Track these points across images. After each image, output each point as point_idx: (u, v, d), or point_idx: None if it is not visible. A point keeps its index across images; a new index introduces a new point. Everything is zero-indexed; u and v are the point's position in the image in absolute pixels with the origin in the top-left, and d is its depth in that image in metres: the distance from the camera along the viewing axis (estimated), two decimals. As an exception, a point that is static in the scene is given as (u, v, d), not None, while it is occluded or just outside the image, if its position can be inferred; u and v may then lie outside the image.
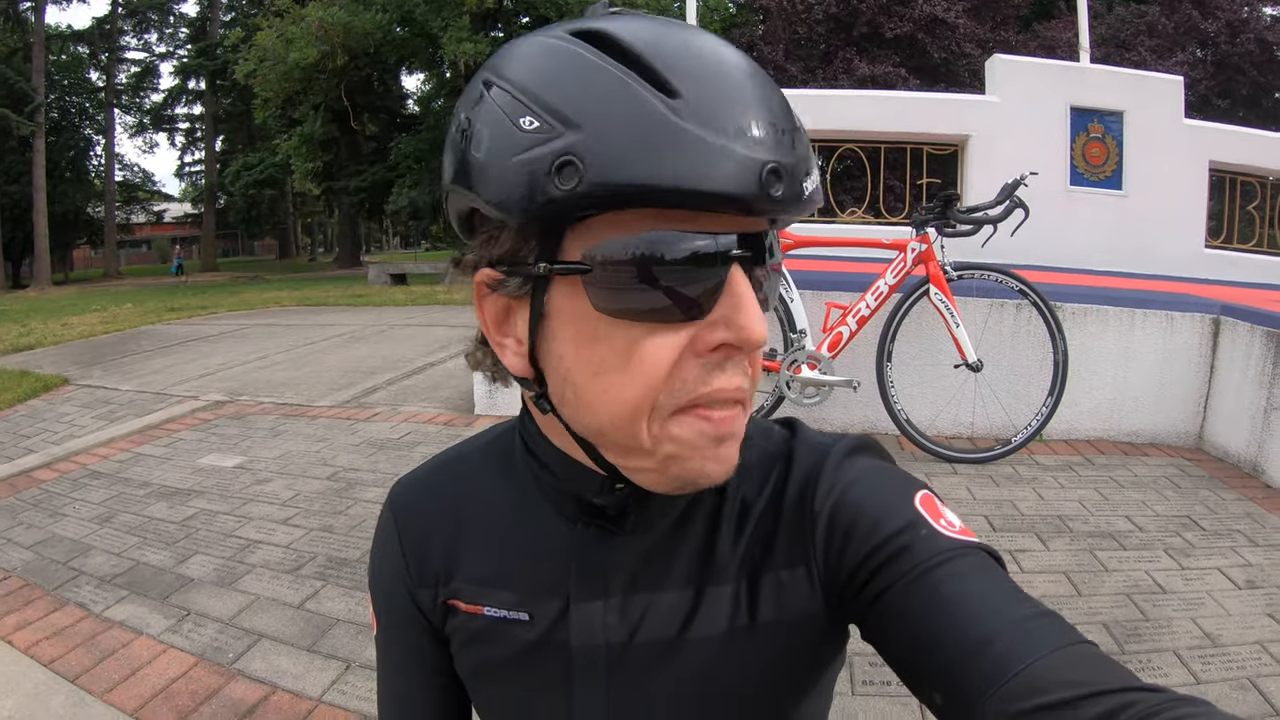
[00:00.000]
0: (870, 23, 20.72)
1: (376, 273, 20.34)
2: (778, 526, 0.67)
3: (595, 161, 0.49)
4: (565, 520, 0.70)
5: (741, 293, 0.54)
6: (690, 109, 0.50)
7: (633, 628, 0.68)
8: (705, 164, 0.49)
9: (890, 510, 0.62)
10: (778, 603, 0.66)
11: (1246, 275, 6.44)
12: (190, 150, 46.24)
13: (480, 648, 0.73)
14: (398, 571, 0.77)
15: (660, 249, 0.52)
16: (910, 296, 4.33)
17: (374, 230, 59.07)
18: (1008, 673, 0.50)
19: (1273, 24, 22.21)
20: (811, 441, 0.71)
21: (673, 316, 0.54)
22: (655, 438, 0.57)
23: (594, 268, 0.53)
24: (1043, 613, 0.54)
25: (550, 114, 0.51)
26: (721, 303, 0.54)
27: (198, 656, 2.63)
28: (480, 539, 0.74)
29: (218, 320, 11.70)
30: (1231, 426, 4.41)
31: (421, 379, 6.69)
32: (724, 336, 0.54)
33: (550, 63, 0.54)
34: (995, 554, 0.60)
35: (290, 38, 21.67)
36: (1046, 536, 3.42)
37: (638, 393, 0.55)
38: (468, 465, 0.79)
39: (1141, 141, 6.32)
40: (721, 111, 0.50)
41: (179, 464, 4.56)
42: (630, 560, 0.68)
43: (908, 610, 0.57)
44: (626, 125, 0.50)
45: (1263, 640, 2.62)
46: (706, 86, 0.51)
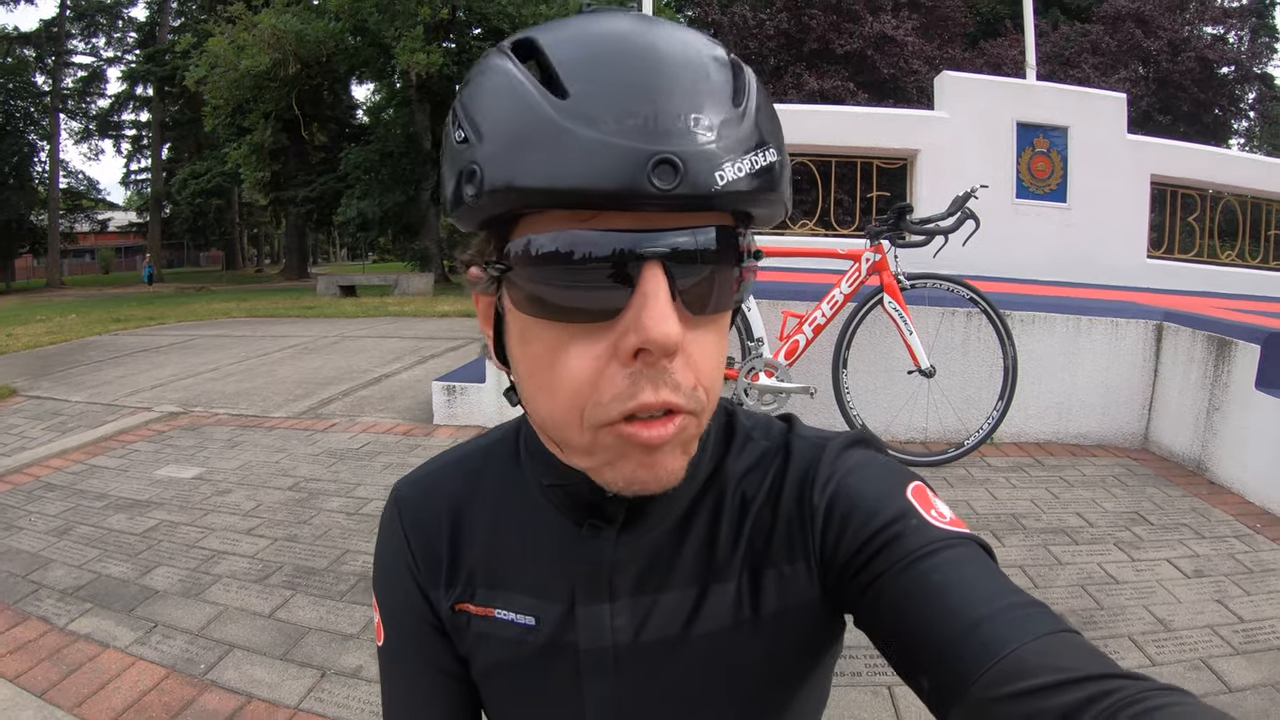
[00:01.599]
0: (820, 39, 21.08)
1: (326, 284, 20.09)
2: (776, 519, 0.68)
3: (489, 168, 0.52)
4: (569, 521, 0.70)
5: (649, 292, 0.52)
6: (575, 107, 0.50)
7: (639, 627, 0.69)
8: (582, 161, 0.49)
9: (883, 501, 0.63)
10: (779, 594, 0.67)
11: (1187, 284, 6.66)
12: (136, 158, 45.40)
13: (491, 650, 0.74)
14: (408, 570, 0.77)
15: (562, 248, 0.52)
16: (865, 305, 4.42)
17: (321, 241, 58.38)
18: (993, 657, 0.51)
19: (1213, 43, 22.97)
20: (809, 436, 0.73)
21: (581, 317, 0.54)
22: (589, 443, 0.57)
23: (511, 267, 0.55)
24: (1029, 601, 0.55)
25: (470, 126, 0.54)
26: (632, 304, 0.52)
27: (168, 668, 2.59)
28: (486, 540, 0.75)
29: (166, 331, 11.49)
30: (1176, 427, 4.58)
31: (378, 389, 6.66)
32: (634, 340, 0.52)
33: (481, 77, 0.55)
34: (985, 545, 0.61)
35: (242, 44, 21.43)
36: (1001, 534, 3.52)
37: (565, 399, 0.56)
38: (470, 466, 0.79)
39: (1086, 156, 6.52)
40: (608, 106, 0.49)
41: (136, 475, 4.49)
42: (634, 560, 0.69)
43: (898, 597, 0.58)
44: (513, 130, 0.51)
45: (1213, 624, 2.75)
46: (599, 82, 0.50)
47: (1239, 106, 25.15)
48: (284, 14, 21.49)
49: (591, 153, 0.48)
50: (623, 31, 0.53)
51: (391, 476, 4.34)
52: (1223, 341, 4.21)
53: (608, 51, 0.52)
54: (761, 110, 0.55)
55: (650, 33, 0.53)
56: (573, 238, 0.52)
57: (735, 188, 0.51)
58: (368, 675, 2.52)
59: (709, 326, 0.58)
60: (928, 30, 21.84)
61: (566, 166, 0.49)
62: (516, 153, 0.51)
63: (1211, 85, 22.95)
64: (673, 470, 0.58)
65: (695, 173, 0.49)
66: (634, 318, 0.52)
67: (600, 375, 0.54)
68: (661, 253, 0.52)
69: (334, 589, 3.09)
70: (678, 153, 0.48)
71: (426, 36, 21.23)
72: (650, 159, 0.48)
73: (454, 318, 12.18)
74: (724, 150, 0.50)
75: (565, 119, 0.49)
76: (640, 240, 0.52)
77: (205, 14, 29.90)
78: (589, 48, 0.52)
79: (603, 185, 0.48)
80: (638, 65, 0.51)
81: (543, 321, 0.55)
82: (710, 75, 0.52)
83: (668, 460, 0.58)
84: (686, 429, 0.57)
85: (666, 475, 0.58)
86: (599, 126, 0.49)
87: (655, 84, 0.50)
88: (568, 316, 0.54)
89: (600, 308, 0.53)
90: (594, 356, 0.54)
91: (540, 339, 0.56)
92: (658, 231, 0.52)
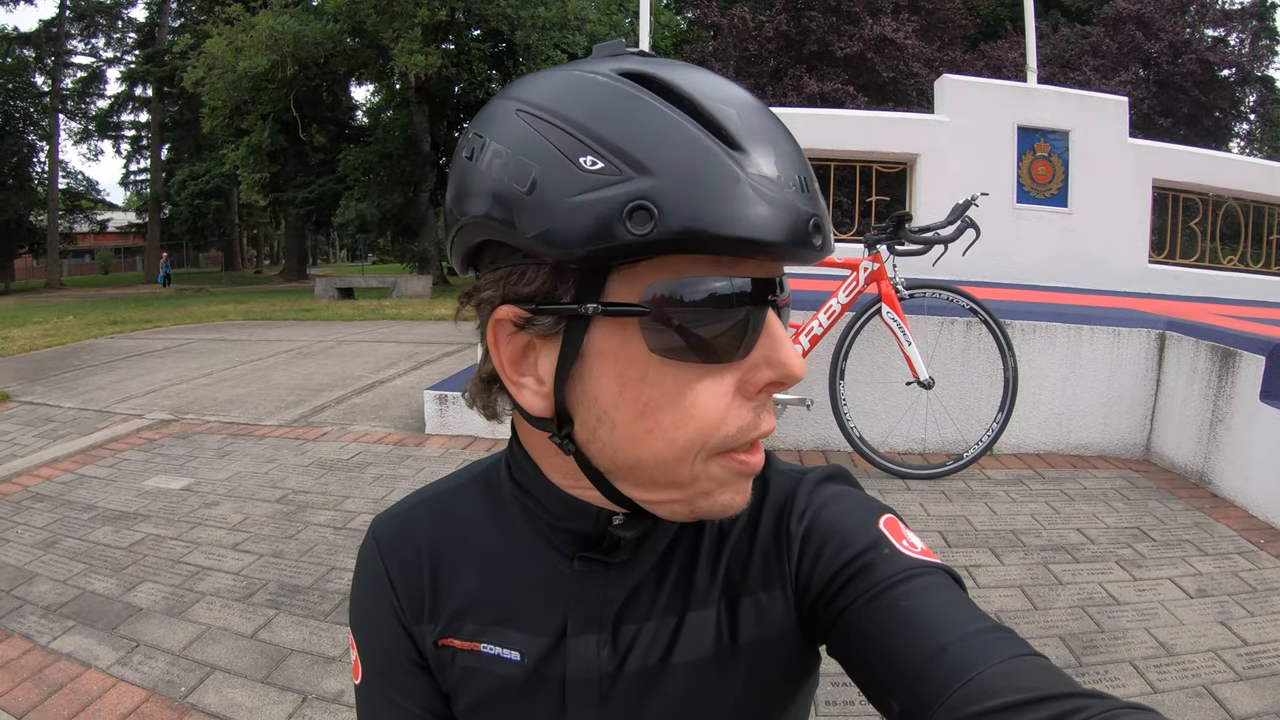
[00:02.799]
0: (820, 41, 21.06)
1: (324, 286, 20.03)
2: (754, 548, 0.70)
3: (670, 209, 0.51)
4: (559, 556, 0.70)
5: (777, 332, 0.57)
6: (752, 163, 0.52)
7: (622, 658, 0.69)
8: (761, 213, 0.51)
9: (856, 532, 0.65)
10: (757, 622, 0.68)
11: (1189, 289, 6.62)
12: (135, 159, 45.24)
13: (476, 685, 0.72)
14: (390, 607, 0.75)
15: (712, 292, 0.54)
16: (863, 315, 4.37)
17: (320, 243, 58.45)
18: (959, 680, 0.52)
19: (1214, 45, 22.96)
20: (785, 470, 0.74)
21: (723, 357, 0.56)
22: (694, 475, 0.59)
23: (650, 309, 0.54)
24: (995, 626, 0.56)
25: (616, 155, 0.52)
26: (761, 343, 0.57)
27: (149, 690, 2.54)
28: (470, 575, 0.74)
29: (162, 334, 11.45)
30: (1179, 438, 4.52)
31: (370, 397, 6.60)
32: (769, 376, 0.57)
33: (606, 101, 0.54)
34: (954, 574, 0.63)
35: (240, 46, 21.36)
36: (1000, 551, 3.46)
37: (690, 435, 0.57)
38: (452, 500, 0.78)
39: (1087, 160, 6.49)
40: (777, 165, 0.53)
41: (124, 486, 4.43)
42: (620, 593, 0.69)
43: (868, 623, 0.59)
44: (699, 175, 0.51)
45: (1216, 648, 2.69)
46: (760, 141, 0.54)
47: (1240, 109, 25.14)
48: (282, 15, 21.42)
49: (772, 206, 0.52)
50: (729, 88, 0.57)
51: (381, 489, 4.30)
52: (1227, 352, 4.15)
53: (751, 109, 0.56)
54: None
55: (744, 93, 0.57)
56: (725, 283, 0.55)
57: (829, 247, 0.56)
58: (349, 701, 2.47)
59: None
60: (927, 32, 21.82)
61: (748, 217, 0.51)
62: (700, 195, 0.51)
63: (1212, 88, 22.93)
64: (749, 495, 0.63)
65: (828, 234, 0.55)
66: (764, 355, 0.57)
67: (729, 409, 0.57)
68: (779, 297, 0.58)
69: (318, 608, 3.04)
70: (820, 216, 0.55)
71: (425, 38, 21.19)
72: (810, 219, 0.54)
73: (451, 321, 12.15)
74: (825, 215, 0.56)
75: (746, 172, 0.52)
76: (768, 285, 0.57)
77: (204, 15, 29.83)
78: (734, 103, 0.55)
79: (777, 239, 0.52)
80: (774, 128, 0.56)
81: (674, 363, 0.56)
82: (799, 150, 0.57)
83: (750, 484, 0.62)
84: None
85: (749, 498, 0.63)
86: (774, 183, 0.53)
87: (796, 151, 0.56)
88: (708, 356, 0.56)
89: (740, 346, 0.56)
90: (724, 393, 0.57)
91: (666, 380, 0.57)
92: (771, 278, 0.57)
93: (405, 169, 26.09)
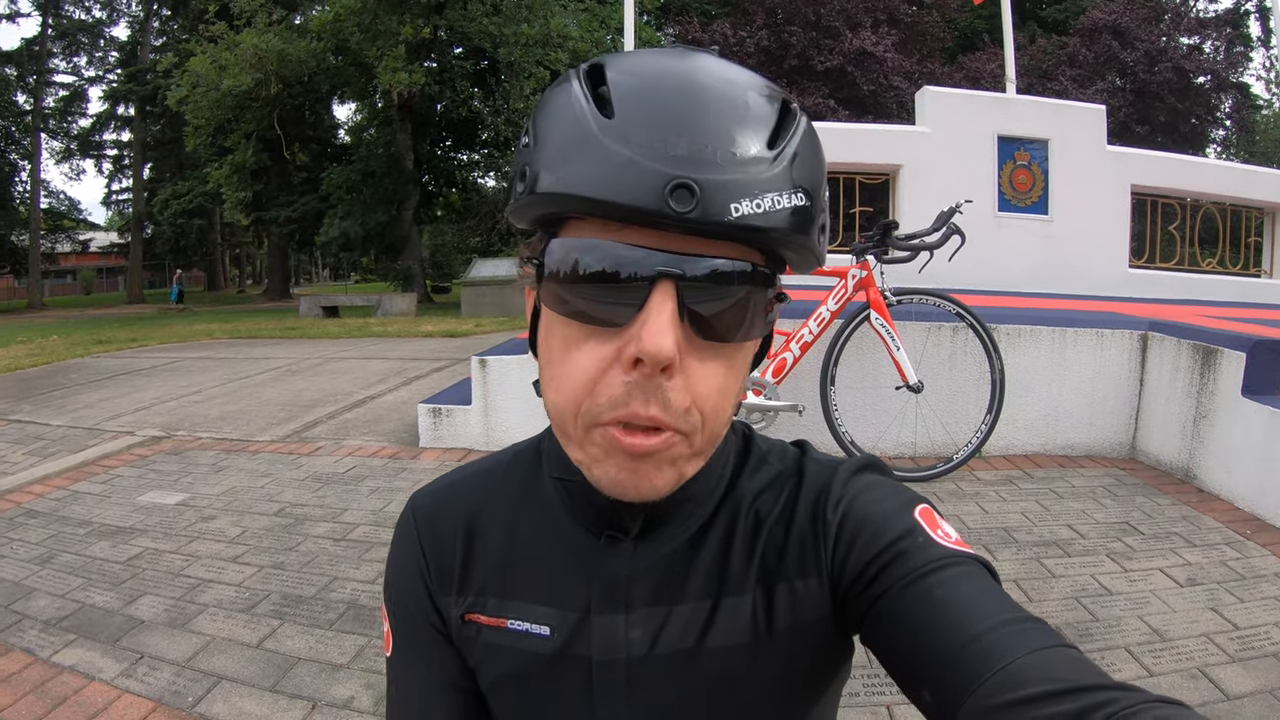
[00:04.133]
0: (801, 56, 21.22)
1: (308, 305, 19.97)
2: (789, 536, 0.70)
3: (540, 171, 0.57)
4: (587, 533, 0.72)
5: (653, 308, 0.55)
6: (616, 127, 0.54)
7: (653, 639, 0.70)
8: (612, 176, 0.53)
9: (891, 520, 0.66)
10: (792, 609, 0.69)
11: (1169, 292, 6.72)
12: (118, 178, 44.94)
13: (502, 660, 0.74)
14: (419, 578, 0.78)
15: (587, 255, 0.57)
16: (852, 322, 4.42)
17: (303, 262, 58.21)
18: (991, 669, 0.52)
19: (1189, 53, 23.23)
20: (822, 460, 0.75)
21: (595, 321, 0.58)
22: (580, 438, 0.61)
23: (544, 265, 0.60)
24: (1027, 617, 0.57)
25: (533, 132, 0.59)
26: (638, 317, 0.55)
27: (156, 701, 2.53)
28: (502, 552, 0.76)
29: (148, 353, 11.41)
30: (1163, 436, 4.60)
31: (362, 412, 6.61)
32: (632, 350, 0.55)
33: (553, 90, 0.61)
34: (989, 565, 0.63)
35: (224, 64, 21.28)
36: (994, 548, 3.52)
37: (568, 393, 0.60)
38: (489, 479, 0.81)
39: (1066, 168, 6.59)
40: (645, 129, 0.54)
41: (119, 502, 4.42)
42: (649, 573, 0.71)
43: (902, 611, 0.60)
44: (562, 140, 0.56)
45: (1208, 632, 2.77)
46: (643, 107, 0.55)
47: (1215, 115, 25.46)
48: (266, 33, 21.37)
49: (621, 169, 0.53)
50: (680, 66, 0.58)
51: (378, 501, 4.30)
52: (1208, 350, 4.23)
53: (658, 81, 0.56)
54: (801, 157, 0.58)
55: (705, 70, 0.57)
56: (599, 246, 0.57)
57: (752, 223, 0.54)
58: (359, 707, 2.48)
59: (718, 355, 0.60)
60: (906, 45, 22.03)
61: (598, 179, 0.53)
62: (561, 160, 0.56)
63: (1188, 95, 23.22)
64: (656, 484, 0.61)
65: (711, 201, 0.53)
66: (637, 329, 0.55)
67: (602, 378, 0.58)
68: (674, 273, 0.55)
69: (323, 617, 3.04)
70: (698, 180, 0.52)
71: (408, 56, 21.20)
72: (670, 182, 0.52)
73: (438, 338, 12.15)
74: (746, 186, 0.54)
75: (606, 136, 0.54)
76: (655, 258, 0.55)
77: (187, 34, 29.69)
78: (643, 76, 0.57)
79: (627, 201, 0.53)
80: (681, 96, 0.55)
81: (562, 318, 0.60)
82: (750, 115, 0.56)
83: (651, 472, 0.60)
84: (673, 448, 0.59)
85: (649, 487, 0.61)
86: (632, 146, 0.53)
87: (691, 115, 0.54)
88: (583, 318, 0.58)
89: (611, 316, 0.57)
90: (599, 359, 0.58)
91: (559, 334, 0.61)
92: (677, 254, 0.56)
93: (388, 187, 26.03)
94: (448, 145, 30.96)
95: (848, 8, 21.02)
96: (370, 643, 2.84)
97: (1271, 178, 7.55)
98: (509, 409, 5.16)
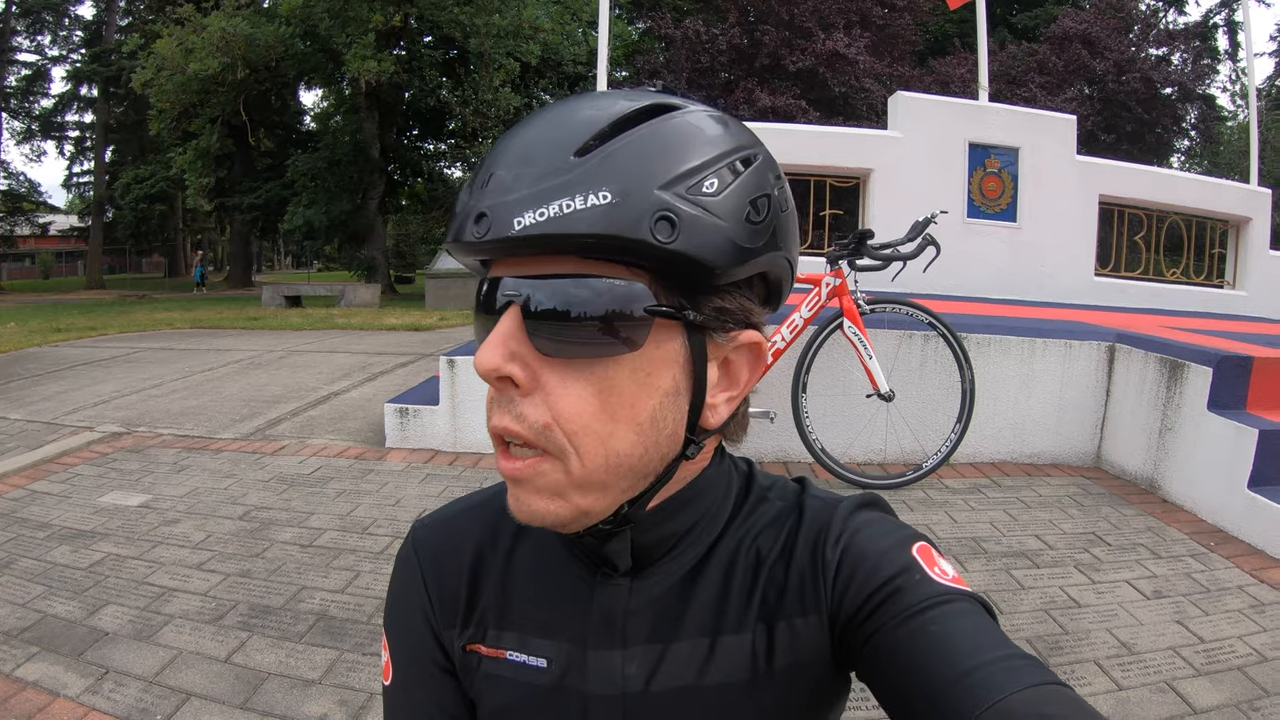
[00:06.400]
0: (773, 55, 21.22)
1: (271, 294, 19.70)
2: (789, 574, 0.70)
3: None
4: (584, 567, 0.73)
5: (491, 328, 0.59)
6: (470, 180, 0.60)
7: (649, 676, 0.70)
8: (455, 220, 0.59)
9: (888, 557, 0.66)
10: (792, 648, 0.69)
11: (1134, 301, 6.82)
12: (79, 160, 44.02)
13: (500, 691, 0.74)
14: (422, 611, 0.78)
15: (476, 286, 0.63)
16: (825, 329, 4.44)
17: (265, 249, 57.51)
18: (983, 704, 0.52)
19: (1157, 64, 23.55)
20: (822, 496, 0.75)
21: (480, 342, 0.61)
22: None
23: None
24: (1021, 655, 0.57)
25: None
26: None
27: (123, 719, 2.45)
28: (502, 584, 0.76)
29: (108, 343, 11.14)
30: (1129, 446, 4.66)
31: (327, 409, 6.51)
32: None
33: None
34: (986, 602, 0.64)
35: (191, 47, 20.97)
36: (963, 558, 3.54)
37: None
38: (489, 511, 0.81)
39: (1035, 176, 6.66)
40: (476, 175, 0.59)
41: (79, 503, 4.30)
42: (646, 609, 0.71)
43: (897, 647, 0.60)
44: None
45: (1175, 645, 2.81)
46: (488, 155, 0.59)
47: (1181, 125, 25.82)
48: (234, 17, 21.08)
49: (459, 212, 0.58)
50: (544, 110, 0.62)
51: (345, 504, 4.24)
52: (1175, 364, 4.29)
53: (512, 128, 0.61)
54: (622, 158, 0.56)
55: (561, 107, 0.60)
56: (479, 279, 0.63)
57: (538, 231, 0.54)
58: (330, 723, 2.44)
59: (579, 372, 0.59)
60: (878, 48, 22.09)
61: (453, 223, 0.59)
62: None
63: (1155, 105, 23.54)
64: (536, 511, 0.62)
65: (496, 220, 0.55)
66: None
67: (490, 400, 0.62)
68: (512, 295, 0.59)
69: (292, 629, 2.97)
70: (489, 206, 0.56)
71: (378, 43, 21.01)
72: (471, 214, 0.56)
73: (402, 331, 12.00)
74: (530, 199, 0.55)
75: (464, 189, 0.60)
76: (505, 284, 0.59)
77: (153, 15, 29.18)
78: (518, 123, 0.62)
79: (453, 237, 0.58)
80: (512, 137, 0.59)
81: None
82: (562, 135, 0.57)
83: (529, 498, 0.62)
84: (545, 474, 0.60)
85: (529, 513, 0.62)
86: (468, 192, 0.59)
87: (501, 151, 0.58)
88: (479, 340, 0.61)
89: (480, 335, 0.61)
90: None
91: None
92: (524, 279, 0.59)
93: (353, 175, 25.80)
94: (414, 135, 30.76)
95: (821, 8, 21.01)
96: (341, 656, 2.79)
97: (1236, 191, 7.70)
98: (477, 410, 5.11)
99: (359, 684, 2.63)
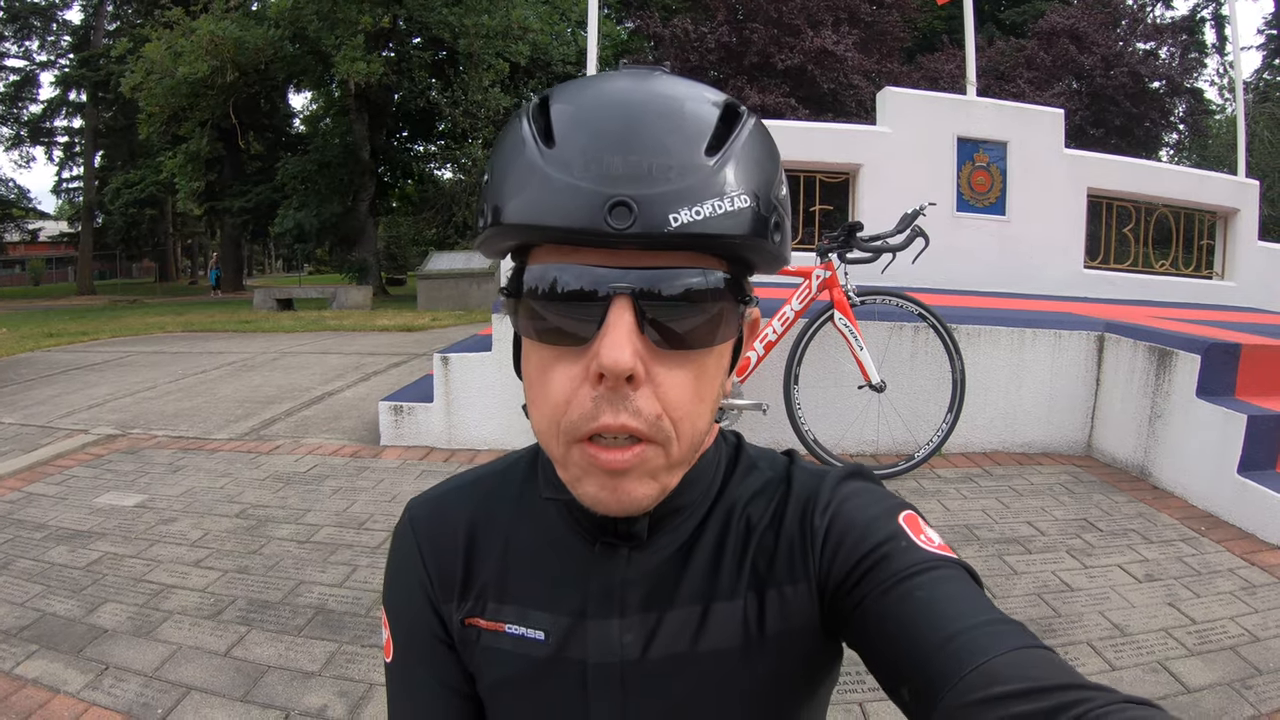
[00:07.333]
0: (761, 53, 21.23)
1: (262, 297, 19.58)
2: (779, 542, 0.72)
3: (494, 204, 0.60)
4: (581, 540, 0.74)
5: (610, 322, 0.57)
6: (557, 154, 0.57)
7: (646, 643, 0.72)
8: (553, 201, 0.56)
9: (875, 525, 0.68)
10: (782, 614, 0.71)
11: (1123, 293, 6.85)
12: (69, 165, 43.78)
13: (499, 664, 0.76)
14: (420, 586, 0.79)
15: (545, 279, 0.60)
16: (815, 321, 4.46)
17: (256, 253, 57.31)
18: (966, 667, 0.54)
19: (1145, 58, 23.60)
20: (809, 468, 0.77)
21: (560, 340, 0.60)
22: (563, 458, 0.63)
23: (512, 293, 0.63)
24: (1005, 619, 0.59)
25: (490, 169, 0.63)
26: (598, 333, 0.58)
27: (124, 714, 2.45)
28: (499, 558, 0.78)
29: (100, 347, 11.10)
30: (1119, 434, 4.70)
31: (321, 409, 6.51)
32: (595, 366, 0.58)
33: (505, 127, 0.63)
34: (970, 569, 0.65)
35: (179, 51, 20.86)
36: (956, 545, 3.57)
37: (546, 414, 0.62)
38: (485, 486, 0.82)
39: (1024, 170, 6.69)
40: (583, 153, 0.56)
41: (75, 504, 4.30)
42: (643, 580, 0.73)
43: (884, 612, 0.62)
44: (512, 172, 0.59)
45: (1167, 627, 2.86)
46: (581, 132, 0.57)
47: (1169, 119, 25.85)
48: (223, 20, 20.99)
49: (561, 194, 0.55)
50: (617, 88, 0.60)
51: (341, 501, 4.25)
52: (1164, 352, 4.33)
53: (596, 105, 0.59)
54: (745, 161, 0.59)
55: (641, 88, 0.60)
56: (555, 270, 0.59)
57: (694, 230, 0.56)
58: (333, 716, 2.44)
59: (685, 362, 0.61)
60: (866, 45, 22.12)
61: (542, 205, 0.56)
62: (511, 192, 0.59)
63: (1143, 99, 23.58)
64: (636, 497, 0.63)
65: (649, 214, 0.55)
66: (597, 345, 0.57)
67: (574, 395, 0.60)
68: (626, 288, 0.57)
69: (291, 623, 2.99)
70: (634, 196, 0.54)
71: (367, 45, 20.96)
72: (607, 201, 0.54)
73: (394, 332, 11.97)
74: (684, 195, 0.55)
75: (548, 164, 0.57)
76: (609, 275, 0.58)
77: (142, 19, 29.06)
78: (582, 102, 0.59)
79: (568, 223, 0.55)
80: (618, 118, 0.57)
81: (536, 342, 0.62)
82: (686, 127, 0.58)
83: (631, 486, 0.62)
84: (649, 460, 0.61)
85: (630, 501, 0.63)
86: (572, 171, 0.56)
87: (627, 134, 0.56)
88: (550, 340, 0.61)
89: (575, 334, 0.59)
90: (570, 377, 0.60)
91: (535, 358, 0.63)
92: (629, 269, 0.58)
93: (344, 178, 25.66)
94: (404, 136, 30.61)
95: (809, 6, 21.04)
96: (340, 649, 2.81)
97: (1224, 183, 7.74)
98: (471, 407, 5.13)
99: (358, 675, 2.65)
